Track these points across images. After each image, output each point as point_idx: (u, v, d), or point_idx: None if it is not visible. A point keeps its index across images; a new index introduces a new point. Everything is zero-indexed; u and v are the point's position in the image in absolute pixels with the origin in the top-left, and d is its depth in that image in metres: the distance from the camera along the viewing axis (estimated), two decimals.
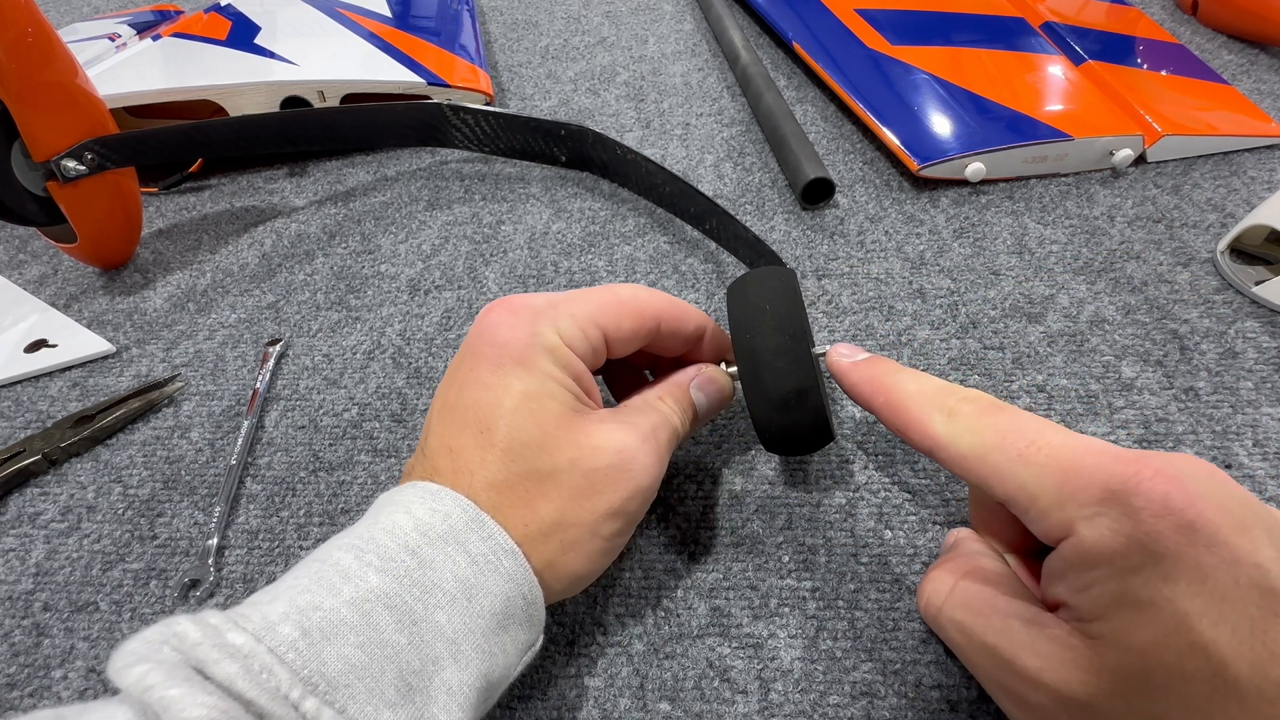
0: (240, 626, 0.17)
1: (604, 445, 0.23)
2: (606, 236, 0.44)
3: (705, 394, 0.27)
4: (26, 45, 0.36)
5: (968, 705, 0.24)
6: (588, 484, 0.22)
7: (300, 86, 0.52)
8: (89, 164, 0.40)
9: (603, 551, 0.23)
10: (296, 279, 0.44)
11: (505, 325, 0.24)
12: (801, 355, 0.25)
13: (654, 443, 0.24)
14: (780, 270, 0.27)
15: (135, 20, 0.61)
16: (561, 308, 0.25)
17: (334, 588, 0.19)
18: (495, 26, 0.70)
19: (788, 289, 0.26)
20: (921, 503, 0.30)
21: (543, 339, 0.24)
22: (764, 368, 0.25)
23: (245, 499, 0.32)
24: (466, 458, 0.22)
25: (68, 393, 0.38)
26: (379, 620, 0.19)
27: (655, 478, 0.24)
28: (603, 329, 0.25)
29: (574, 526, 0.22)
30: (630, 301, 0.26)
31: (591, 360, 0.25)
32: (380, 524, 0.21)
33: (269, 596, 0.19)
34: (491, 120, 0.48)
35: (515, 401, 0.23)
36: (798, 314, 0.26)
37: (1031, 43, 0.53)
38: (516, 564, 0.21)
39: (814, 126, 0.52)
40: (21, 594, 0.30)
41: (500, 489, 0.22)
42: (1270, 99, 0.49)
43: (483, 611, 0.20)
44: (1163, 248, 0.40)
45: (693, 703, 0.25)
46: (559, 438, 0.23)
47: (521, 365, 0.23)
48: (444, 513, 0.21)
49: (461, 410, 0.23)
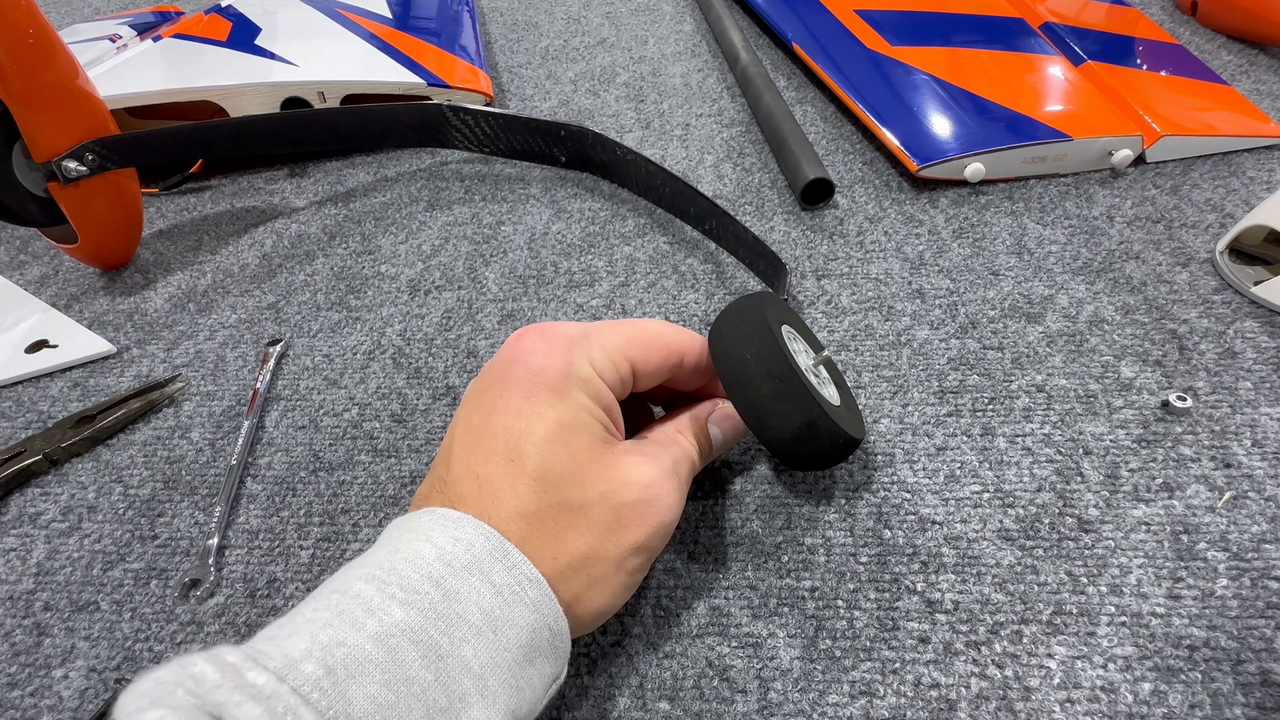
0: (260, 665, 0.16)
1: (632, 479, 0.23)
2: (606, 237, 0.44)
3: (721, 430, 0.28)
4: (27, 46, 0.36)
5: (967, 705, 0.24)
6: (616, 518, 0.22)
7: (300, 87, 0.52)
8: (90, 165, 0.40)
9: (625, 586, 0.23)
10: (297, 279, 0.44)
11: (540, 352, 0.23)
12: (797, 392, 0.25)
13: (677, 478, 0.24)
14: (747, 306, 0.27)
15: (136, 21, 0.61)
16: (594, 338, 0.24)
17: (357, 622, 0.18)
18: (495, 27, 0.70)
19: (760, 328, 0.26)
20: (920, 502, 0.30)
21: (577, 369, 0.23)
22: (766, 416, 0.25)
23: (245, 499, 0.32)
24: (495, 486, 0.22)
25: (68, 393, 0.38)
26: (404, 656, 0.18)
27: (677, 513, 0.24)
28: (632, 362, 0.25)
29: (601, 561, 0.22)
30: (658, 336, 0.26)
31: (619, 392, 0.25)
32: (401, 553, 0.20)
33: (286, 630, 0.18)
34: (491, 121, 0.48)
35: (549, 431, 0.22)
36: (777, 353, 0.25)
37: (1031, 43, 0.53)
38: (542, 594, 0.21)
39: (814, 127, 0.52)
40: (22, 593, 0.30)
41: (530, 520, 0.21)
42: (1270, 99, 0.49)
43: (509, 645, 0.20)
44: (1162, 248, 0.40)
45: (692, 702, 0.25)
46: (590, 470, 0.22)
47: (556, 394, 0.23)
48: (467, 541, 0.20)
49: (490, 436, 0.22)
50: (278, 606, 0.28)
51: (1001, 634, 0.25)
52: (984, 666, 0.25)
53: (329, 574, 0.29)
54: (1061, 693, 0.24)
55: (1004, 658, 0.25)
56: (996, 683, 0.24)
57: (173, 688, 0.16)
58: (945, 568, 0.27)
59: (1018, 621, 0.26)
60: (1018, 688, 0.24)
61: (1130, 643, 0.25)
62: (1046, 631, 0.25)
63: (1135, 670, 0.24)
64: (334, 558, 0.30)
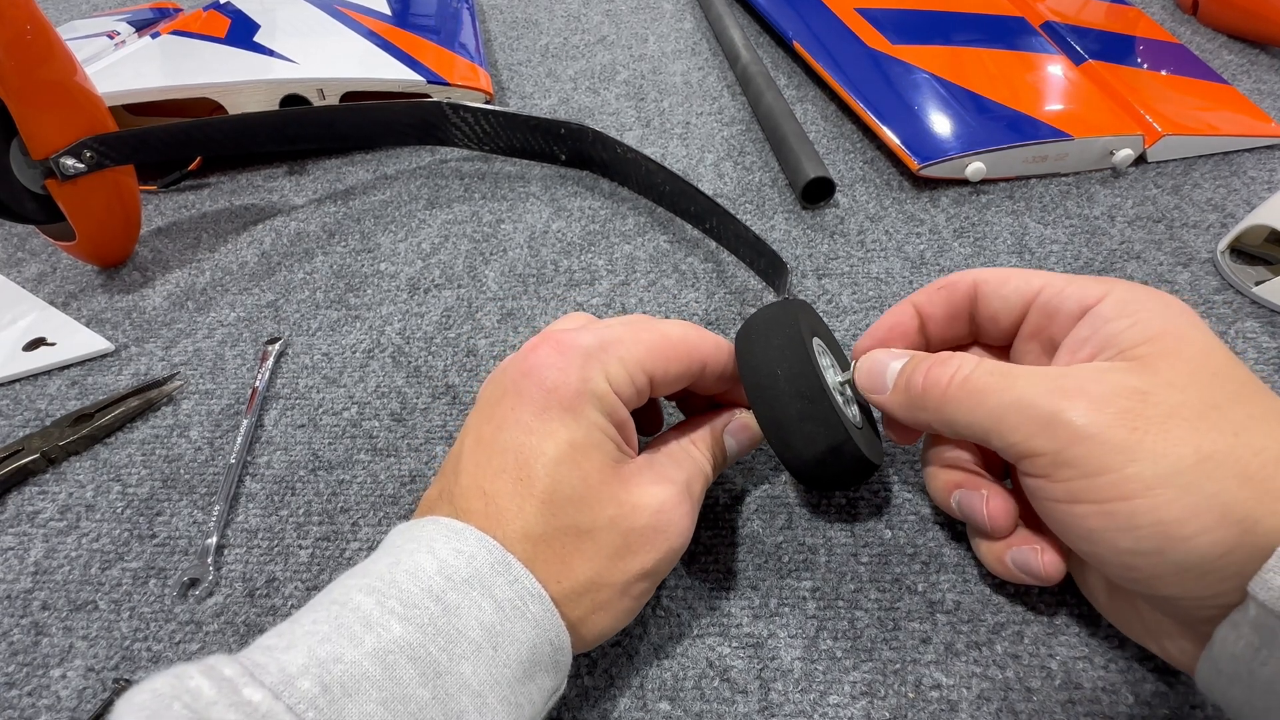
0: (257, 680, 0.16)
1: (643, 503, 0.22)
2: (606, 235, 0.44)
3: (737, 441, 0.27)
4: (25, 43, 0.36)
5: (968, 705, 0.24)
6: (624, 544, 0.22)
7: (299, 85, 0.52)
8: (88, 162, 0.39)
9: (629, 610, 0.23)
10: (296, 277, 0.43)
11: (554, 367, 0.23)
12: (825, 414, 0.24)
13: (689, 500, 0.24)
14: (781, 315, 0.26)
15: (134, 18, 0.61)
16: (611, 350, 0.23)
17: (355, 637, 0.18)
18: (495, 25, 0.70)
19: (793, 343, 0.25)
20: (921, 502, 0.30)
21: (593, 385, 0.23)
22: (791, 436, 0.24)
23: (244, 498, 0.32)
24: (502, 504, 0.21)
25: (66, 391, 0.38)
26: (402, 674, 0.18)
27: (688, 536, 0.24)
28: (650, 375, 0.24)
29: (606, 587, 0.22)
30: (680, 343, 0.25)
31: (635, 404, 0.24)
32: (402, 564, 0.20)
33: (285, 642, 0.18)
34: (491, 119, 0.48)
35: (560, 451, 0.22)
36: (810, 372, 0.24)
37: (1032, 42, 0.53)
38: (544, 609, 0.20)
39: (814, 126, 0.52)
40: (20, 593, 0.29)
41: (536, 542, 0.21)
42: (1270, 99, 0.49)
43: (509, 661, 0.19)
44: (1163, 248, 0.40)
45: (692, 702, 0.25)
46: (601, 493, 0.22)
47: (569, 412, 0.22)
48: (469, 554, 0.20)
49: (499, 451, 0.22)
50: (276, 606, 0.28)
51: (1003, 634, 0.25)
52: (985, 667, 0.25)
53: (328, 573, 0.29)
54: (1063, 693, 0.24)
55: (1006, 658, 0.25)
56: (998, 683, 0.24)
57: (169, 701, 0.16)
58: (947, 568, 0.27)
59: (1019, 622, 0.26)
60: (1019, 689, 0.24)
61: (1132, 643, 0.25)
62: (1048, 632, 0.25)
63: (1136, 671, 0.24)
64: (333, 557, 0.30)
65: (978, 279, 0.26)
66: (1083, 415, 0.20)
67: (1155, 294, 0.22)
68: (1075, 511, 0.20)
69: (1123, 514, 0.19)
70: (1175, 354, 0.20)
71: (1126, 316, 0.22)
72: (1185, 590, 0.19)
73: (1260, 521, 0.18)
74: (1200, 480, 0.18)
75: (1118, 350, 0.21)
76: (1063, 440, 0.20)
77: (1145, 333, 0.21)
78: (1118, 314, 0.22)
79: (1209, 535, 0.18)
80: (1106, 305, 0.22)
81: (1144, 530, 0.19)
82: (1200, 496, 0.18)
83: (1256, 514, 0.18)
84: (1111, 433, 0.19)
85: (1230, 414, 0.19)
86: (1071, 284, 0.24)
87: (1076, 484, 0.20)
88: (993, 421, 0.21)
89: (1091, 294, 0.23)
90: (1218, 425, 0.19)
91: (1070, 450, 0.20)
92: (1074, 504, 0.20)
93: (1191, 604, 0.19)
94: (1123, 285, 0.23)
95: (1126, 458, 0.19)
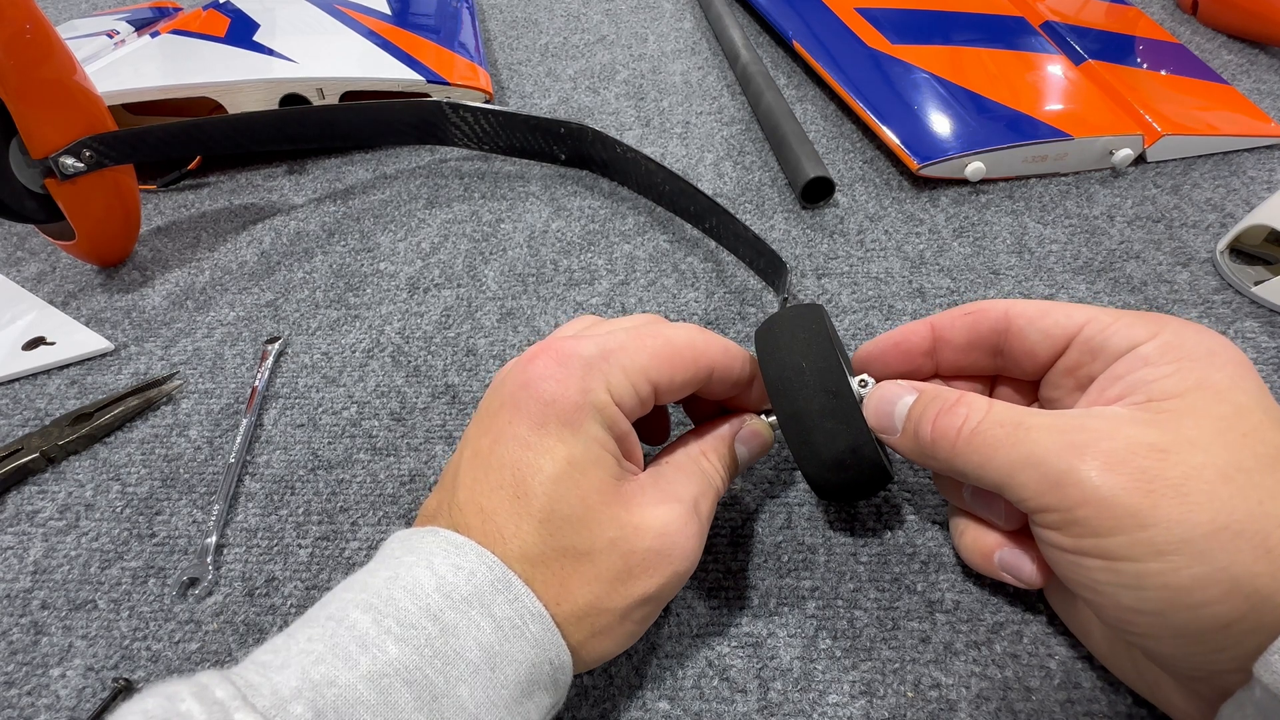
0: (249, 703, 0.16)
1: (645, 526, 0.22)
2: (606, 235, 0.44)
3: (748, 448, 0.26)
4: (24, 42, 0.36)
5: (967, 705, 0.24)
6: (625, 568, 0.21)
7: (299, 84, 0.52)
8: (87, 161, 0.39)
9: (631, 634, 0.22)
10: (295, 277, 0.43)
11: (553, 379, 0.22)
12: (849, 412, 0.24)
13: (696, 521, 0.23)
14: (806, 313, 0.26)
15: (134, 17, 0.61)
16: (614, 359, 0.23)
17: (350, 658, 0.18)
18: (495, 24, 0.69)
19: (819, 339, 0.24)
20: (921, 502, 0.30)
21: (593, 397, 0.22)
22: (813, 432, 0.24)
23: (244, 497, 0.32)
24: (499, 523, 0.21)
25: (66, 390, 0.38)
26: (397, 698, 0.17)
27: (694, 561, 0.23)
28: (654, 383, 0.23)
29: (606, 613, 0.21)
30: (686, 349, 0.24)
31: (638, 414, 0.24)
32: (400, 580, 0.19)
33: (279, 659, 0.18)
34: (491, 118, 0.48)
35: (558, 468, 0.21)
36: (836, 367, 0.24)
37: (1031, 42, 0.53)
38: (544, 628, 0.20)
39: (814, 125, 0.52)
40: (19, 592, 0.29)
41: (534, 563, 0.21)
42: (1270, 99, 0.49)
43: (506, 681, 0.19)
44: (1162, 248, 0.40)
45: (692, 701, 0.25)
46: (600, 514, 0.21)
47: (568, 427, 0.21)
48: (468, 571, 0.20)
49: (495, 466, 0.21)
50: (276, 605, 0.28)
51: (1002, 634, 0.25)
52: (985, 666, 0.25)
53: (327, 573, 0.29)
54: (1062, 693, 0.24)
55: (1005, 658, 0.25)
56: (997, 683, 0.24)
57: None
58: (945, 567, 0.27)
59: (1018, 622, 0.26)
60: (1018, 688, 0.24)
61: None
62: (1047, 632, 0.25)
63: None
64: (332, 556, 0.30)
65: (1011, 311, 0.25)
66: (1097, 475, 0.19)
67: (1206, 341, 0.21)
68: (1083, 563, 0.20)
69: (1129, 573, 0.18)
70: (1204, 411, 0.19)
71: (1170, 363, 0.21)
72: (1179, 651, 0.19)
73: (1270, 598, 0.17)
74: (1213, 550, 0.17)
75: (1147, 397, 0.20)
76: (1074, 500, 0.19)
77: (1182, 384, 0.20)
78: (1160, 358, 0.21)
79: (1216, 606, 0.17)
80: (1151, 347, 0.21)
81: (1150, 592, 0.18)
82: (1212, 567, 0.17)
83: (1269, 589, 0.17)
84: (1125, 497, 0.18)
85: (1259, 479, 0.18)
86: (1119, 320, 0.22)
87: (1087, 541, 0.19)
88: (1003, 476, 0.21)
89: (1140, 334, 0.22)
90: (1242, 491, 0.18)
91: (1081, 510, 0.19)
92: (1082, 557, 0.20)
93: (1185, 665, 0.19)
94: (1173, 326, 0.21)
95: (1138, 522, 0.18)
